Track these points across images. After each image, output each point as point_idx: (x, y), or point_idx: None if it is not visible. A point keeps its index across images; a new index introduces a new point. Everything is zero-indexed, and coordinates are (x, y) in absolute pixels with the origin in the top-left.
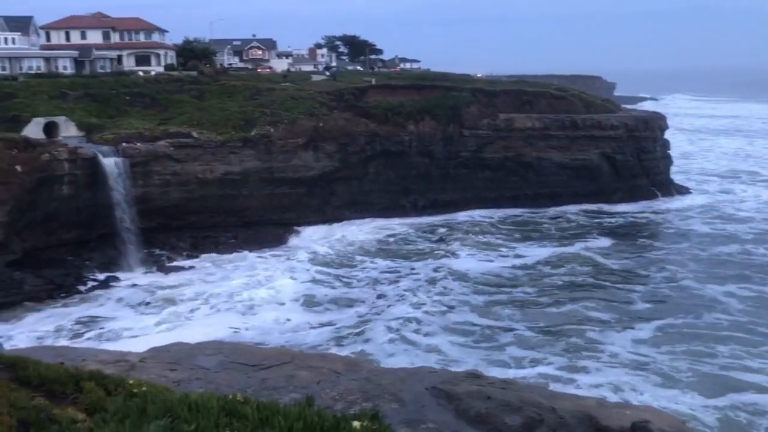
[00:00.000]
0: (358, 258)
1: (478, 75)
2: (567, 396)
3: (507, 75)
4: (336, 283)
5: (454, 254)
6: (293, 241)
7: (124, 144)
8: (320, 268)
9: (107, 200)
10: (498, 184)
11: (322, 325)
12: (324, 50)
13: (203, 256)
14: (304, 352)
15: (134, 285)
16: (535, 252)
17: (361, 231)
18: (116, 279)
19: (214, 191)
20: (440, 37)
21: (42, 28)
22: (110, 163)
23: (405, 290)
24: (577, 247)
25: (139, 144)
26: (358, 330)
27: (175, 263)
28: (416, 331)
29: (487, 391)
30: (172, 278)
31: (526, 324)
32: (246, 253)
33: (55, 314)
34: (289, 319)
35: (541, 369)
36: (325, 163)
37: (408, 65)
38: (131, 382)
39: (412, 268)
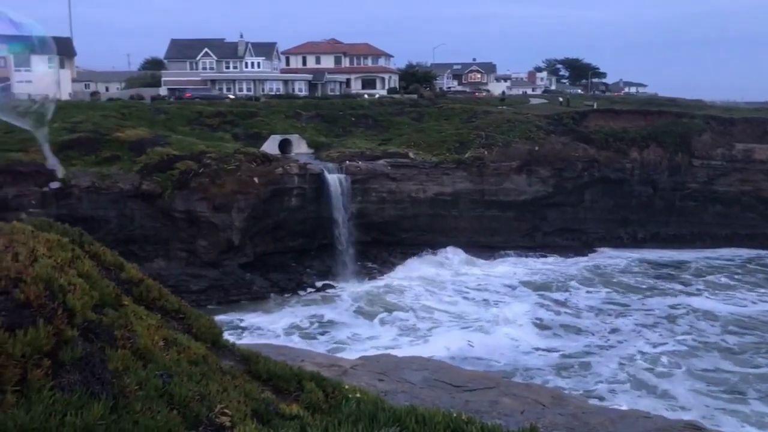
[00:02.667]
0: (573, 285)
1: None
2: None
3: (746, 102)
4: (560, 309)
5: (693, 292)
6: (502, 262)
7: (347, 162)
8: (538, 292)
9: (329, 213)
10: (731, 220)
11: (549, 350)
12: (544, 73)
13: (413, 270)
14: (509, 380)
15: (351, 293)
16: None
17: (573, 259)
18: (332, 287)
19: (426, 210)
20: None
21: (283, 53)
22: (334, 179)
23: (638, 324)
24: None
25: (360, 162)
26: (583, 360)
27: (387, 276)
28: (649, 370)
29: None
30: (387, 290)
31: None
32: (456, 270)
33: (285, 314)
34: (516, 341)
35: None
36: (538, 188)
37: (633, 89)
38: (347, 387)
39: (643, 303)
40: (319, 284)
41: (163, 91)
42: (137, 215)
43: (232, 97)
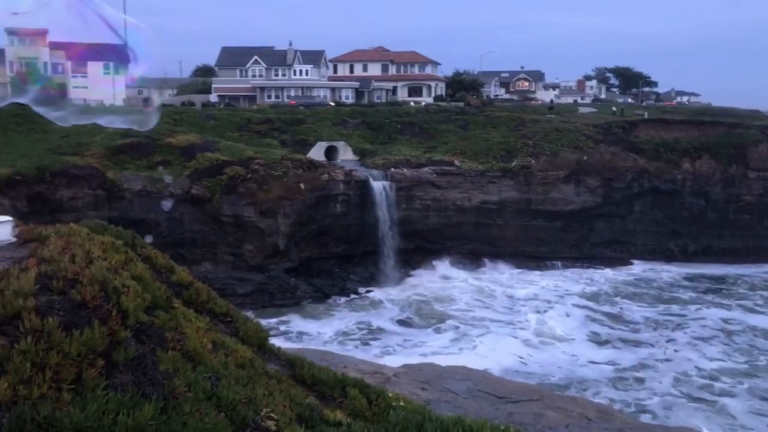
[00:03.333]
0: (622, 297)
1: None
2: None
3: None
4: (612, 322)
5: (750, 308)
6: (548, 273)
7: (392, 169)
8: (588, 303)
9: (373, 220)
10: None
11: (602, 363)
12: (593, 82)
13: (457, 279)
14: (554, 392)
15: (395, 301)
16: None
17: (621, 271)
18: (375, 294)
19: (470, 219)
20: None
21: (330, 60)
22: (379, 186)
23: (694, 338)
24: None
25: (405, 170)
26: (638, 374)
27: (431, 284)
28: (706, 388)
29: None
30: (431, 298)
31: None
32: (501, 281)
33: (331, 320)
34: (569, 353)
35: None
36: (585, 198)
37: (685, 99)
38: (390, 395)
39: (696, 318)
40: (362, 291)
41: (213, 97)
42: (186, 219)
43: (332, 104)
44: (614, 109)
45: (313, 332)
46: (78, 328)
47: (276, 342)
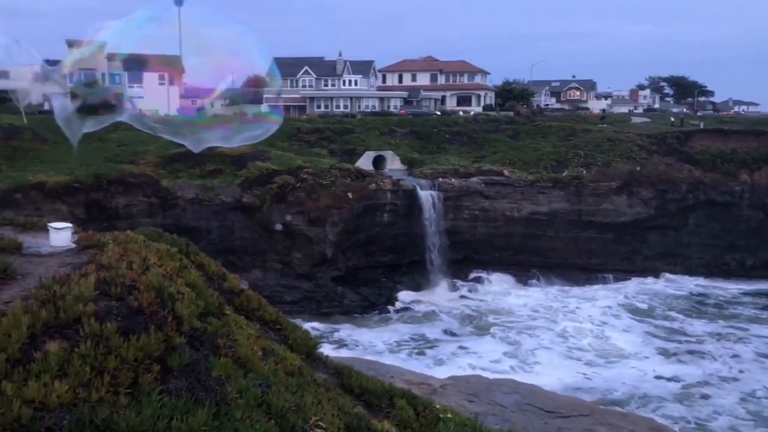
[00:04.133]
0: (679, 311)
1: None
2: None
3: None
4: (672, 336)
5: None
6: (601, 286)
7: (440, 179)
8: (645, 318)
9: (420, 230)
10: None
11: (666, 378)
12: (647, 91)
13: (506, 290)
14: (605, 408)
15: (444, 311)
16: None
17: (676, 284)
18: (423, 304)
19: (520, 229)
20: None
21: (379, 70)
22: (426, 196)
23: (759, 355)
24: None
25: (453, 179)
26: (702, 390)
27: (479, 295)
28: None
29: None
30: (480, 309)
31: None
32: (551, 293)
33: (381, 330)
34: (632, 368)
35: None
36: (639, 210)
37: (743, 108)
38: (437, 406)
39: (760, 334)
40: (409, 300)
41: (264, 107)
42: (237, 227)
43: (438, 113)
44: (672, 119)
45: (365, 342)
46: (135, 334)
47: (326, 350)
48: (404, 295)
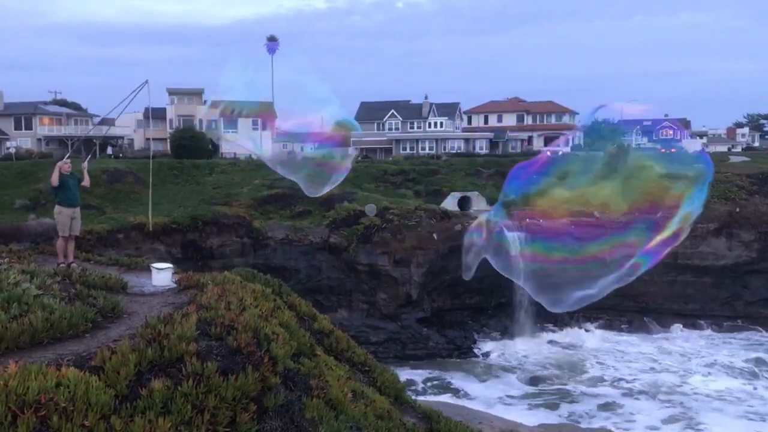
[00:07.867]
0: None
1: None
2: None
3: None
4: None
5: None
6: (698, 333)
7: (527, 219)
8: (754, 367)
9: None
10: None
11: None
12: (745, 129)
13: (600, 336)
14: None
15: (533, 357)
16: None
17: None
18: (510, 348)
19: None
20: None
21: (465, 112)
22: (513, 236)
23: None
24: None
25: (542, 220)
26: None
27: (570, 340)
28: None
29: None
30: (573, 356)
31: None
32: (646, 338)
33: (490, 381)
34: None
35: None
36: (739, 253)
37: None
38: None
39: None
40: (494, 344)
41: (351, 150)
42: (324, 266)
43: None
44: None
45: (465, 389)
46: (233, 373)
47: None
48: (491, 339)
